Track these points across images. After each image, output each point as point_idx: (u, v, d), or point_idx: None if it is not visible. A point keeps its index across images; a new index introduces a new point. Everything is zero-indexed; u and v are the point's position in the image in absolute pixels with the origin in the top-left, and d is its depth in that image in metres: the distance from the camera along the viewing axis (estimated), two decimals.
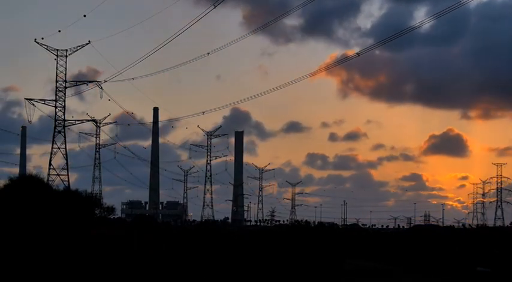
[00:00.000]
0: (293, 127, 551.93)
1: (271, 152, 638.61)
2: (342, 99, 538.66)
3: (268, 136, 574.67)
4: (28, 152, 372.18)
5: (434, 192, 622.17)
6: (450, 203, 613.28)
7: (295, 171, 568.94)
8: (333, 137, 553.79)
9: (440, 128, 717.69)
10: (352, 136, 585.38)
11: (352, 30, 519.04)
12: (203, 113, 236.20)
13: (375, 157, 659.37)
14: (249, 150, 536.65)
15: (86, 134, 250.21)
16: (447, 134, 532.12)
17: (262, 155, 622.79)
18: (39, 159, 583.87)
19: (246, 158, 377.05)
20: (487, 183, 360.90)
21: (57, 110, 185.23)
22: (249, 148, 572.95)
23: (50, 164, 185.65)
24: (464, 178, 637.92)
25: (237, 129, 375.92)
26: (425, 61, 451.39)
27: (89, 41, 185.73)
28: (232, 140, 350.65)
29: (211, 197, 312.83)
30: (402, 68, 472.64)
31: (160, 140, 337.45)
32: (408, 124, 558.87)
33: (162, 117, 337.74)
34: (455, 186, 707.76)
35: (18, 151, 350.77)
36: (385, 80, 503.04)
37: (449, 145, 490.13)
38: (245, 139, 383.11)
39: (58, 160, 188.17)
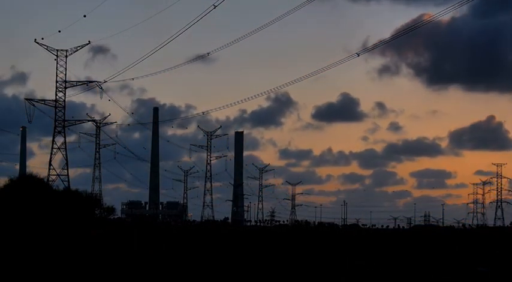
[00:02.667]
0: (320, 114, 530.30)
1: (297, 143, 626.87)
2: (378, 82, 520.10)
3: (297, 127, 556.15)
4: (28, 152, 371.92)
5: (457, 190, 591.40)
6: (462, 201, 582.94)
7: (310, 167, 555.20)
8: (363, 128, 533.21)
9: (482, 115, 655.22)
10: (386, 127, 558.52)
11: None
12: (203, 113, 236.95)
13: (400, 151, 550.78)
14: (271, 143, 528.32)
15: (86, 134, 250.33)
16: (488, 123, 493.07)
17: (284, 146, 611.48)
18: (39, 159, 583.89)
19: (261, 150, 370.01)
20: (487, 183, 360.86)
21: (57, 110, 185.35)
22: (272, 140, 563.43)
23: (50, 164, 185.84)
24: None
25: (237, 130, 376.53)
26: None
27: (89, 41, 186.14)
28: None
29: (211, 197, 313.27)
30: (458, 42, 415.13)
31: (161, 140, 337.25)
32: (451, 111, 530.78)
33: (162, 117, 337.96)
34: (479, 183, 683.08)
35: (18, 151, 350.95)
36: (431, 60, 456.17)
37: (488, 136, 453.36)
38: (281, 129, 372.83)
39: (58, 160, 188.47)
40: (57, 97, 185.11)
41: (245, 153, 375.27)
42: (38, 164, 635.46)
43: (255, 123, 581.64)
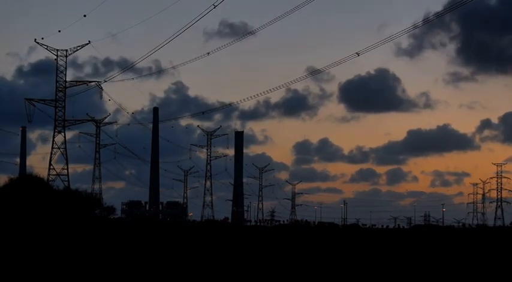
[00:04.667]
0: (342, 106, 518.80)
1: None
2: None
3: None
4: (28, 151, 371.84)
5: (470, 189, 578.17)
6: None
7: (321, 164, 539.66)
8: (382, 123, 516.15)
9: None
10: (409, 120, 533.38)
11: None
12: (203, 113, 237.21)
13: (420, 145, 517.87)
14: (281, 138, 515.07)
15: (86, 134, 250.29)
16: None
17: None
18: (40, 158, 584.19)
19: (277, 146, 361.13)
20: (487, 183, 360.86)
21: (57, 110, 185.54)
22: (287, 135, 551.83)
23: (50, 164, 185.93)
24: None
25: (236, 130, 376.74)
26: None
27: (89, 41, 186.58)
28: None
29: (211, 197, 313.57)
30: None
31: (161, 140, 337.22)
32: (484, 102, 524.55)
33: (162, 117, 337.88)
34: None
35: (18, 151, 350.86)
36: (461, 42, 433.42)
37: None
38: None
39: (58, 160, 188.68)
40: (57, 97, 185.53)
41: (255, 148, 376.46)
42: (38, 163, 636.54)
43: (273, 114, 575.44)
